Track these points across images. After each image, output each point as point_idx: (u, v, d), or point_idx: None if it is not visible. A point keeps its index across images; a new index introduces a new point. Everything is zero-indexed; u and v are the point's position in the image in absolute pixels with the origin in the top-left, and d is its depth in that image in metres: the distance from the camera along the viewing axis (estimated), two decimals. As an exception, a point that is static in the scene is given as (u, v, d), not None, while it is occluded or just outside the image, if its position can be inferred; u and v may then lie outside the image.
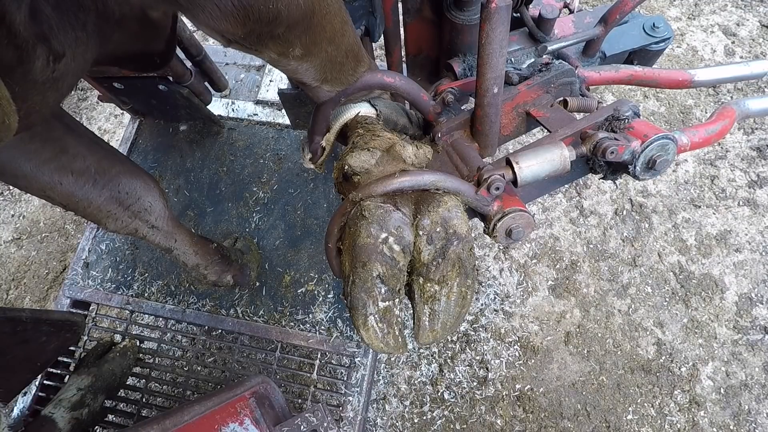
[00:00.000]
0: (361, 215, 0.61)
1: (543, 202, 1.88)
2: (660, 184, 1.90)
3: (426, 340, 0.60)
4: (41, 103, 0.48)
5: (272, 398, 1.01)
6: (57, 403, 1.23)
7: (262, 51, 0.58)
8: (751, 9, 2.23)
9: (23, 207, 2.09)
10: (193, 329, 1.55)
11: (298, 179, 1.69)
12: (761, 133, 1.98)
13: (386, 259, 0.58)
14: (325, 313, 1.51)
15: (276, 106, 1.80)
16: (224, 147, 1.77)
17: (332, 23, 0.61)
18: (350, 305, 0.59)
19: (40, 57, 0.41)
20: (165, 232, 1.16)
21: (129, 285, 1.59)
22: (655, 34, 0.96)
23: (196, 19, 0.48)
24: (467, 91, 0.83)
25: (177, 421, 0.90)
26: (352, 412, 1.39)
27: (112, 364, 1.39)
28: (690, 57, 2.13)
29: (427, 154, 0.75)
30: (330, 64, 0.66)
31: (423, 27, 1.01)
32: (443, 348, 1.68)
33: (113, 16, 0.51)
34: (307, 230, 1.62)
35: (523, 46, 0.88)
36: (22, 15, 0.37)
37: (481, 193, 0.63)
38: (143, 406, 1.45)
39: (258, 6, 0.48)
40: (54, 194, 0.89)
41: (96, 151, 0.94)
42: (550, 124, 0.73)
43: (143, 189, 1.05)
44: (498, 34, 0.59)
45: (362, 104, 0.80)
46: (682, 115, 2.02)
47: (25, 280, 1.95)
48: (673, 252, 1.78)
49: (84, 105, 2.27)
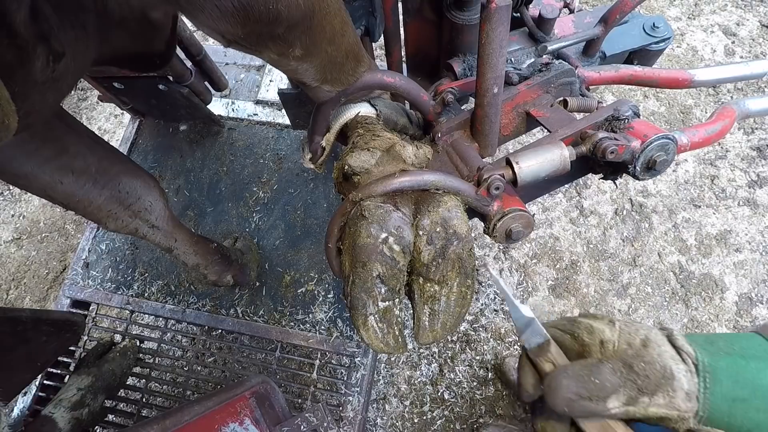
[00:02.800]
0: (361, 215, 0.61)
1: (543, 202, 1.88)
2: (660, 184, 1.90)
3: (426, 340, 0.60)
4: (41, 103, 0.48)
5: (272, 398, 1.01)
6: (57, 403, 1.23)
7: (261, 51, 0.58)
8: (751, 9, 2.23)
9: (23, 207, 2.09)
10: (193, 329, 1.55)
11: (298, 179, 1.69)
12: (761, 133, 1.98)
13: (386, 259, 0.58)
14: (325, 313, 1.51)
15: (276, 106, 1.80)
16: (224, 147, 1.77)
17: (332, 23, 0.61)
18: (350, 305, 0.59)
19: (40, 57, 0.41)
20: (165, 232, 1.16)
21: (129, 285, 1.59)
22: (655, 34, 0.96)
23: (196, 20, 0.48)
24: (467, 91, 0.83)
25: (177, 421, 0.90)
26: (352, 412, 1.39)
27: (112, 364, 1.39)
28: (690, 57, 2.13)
29: (427, 154, 0.75)
30: (330, 65, 0.66)
31: (423, 27, 1.01)
32: (443, 348, 1.68)
33: (113, 17, 0.51)
34: (307, 230, 1.62)
35: (523, 46, 0.88)
36: (22, 15, 0.37)
37: (481, 193, 0.63)
38: (143, 406, 1.45)
39: (258, 6, 0.48)
40: (55, 193, 0.89)
41: (96, 151, 0.94)
42: (550, 124, 0.73)
43: (143, 188, 1.05)
44: (498, 34, 0.59)
45: (362, 104, 0.80)
46: (682, 115, 2.02)
47: (25, 280, 1.95)
48: (673, 252, 1.78)
49: (84, 105, 2.27)
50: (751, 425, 0.43)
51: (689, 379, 0.44)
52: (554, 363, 0.48)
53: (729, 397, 0.43)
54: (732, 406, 0.43)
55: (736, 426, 0.43)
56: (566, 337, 0.50)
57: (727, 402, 0.43)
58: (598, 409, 0.43)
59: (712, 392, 0.44)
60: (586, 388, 0.43)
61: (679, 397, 0.43)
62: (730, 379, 0.44)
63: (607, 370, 0.44)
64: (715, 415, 0.43)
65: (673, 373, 0.43)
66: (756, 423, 0.43)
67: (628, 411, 0.43)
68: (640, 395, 0.43)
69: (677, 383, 0.43)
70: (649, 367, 0.43)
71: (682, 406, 0.43)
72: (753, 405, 0.43)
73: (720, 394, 0.44)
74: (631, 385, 0.43)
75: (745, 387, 0.44)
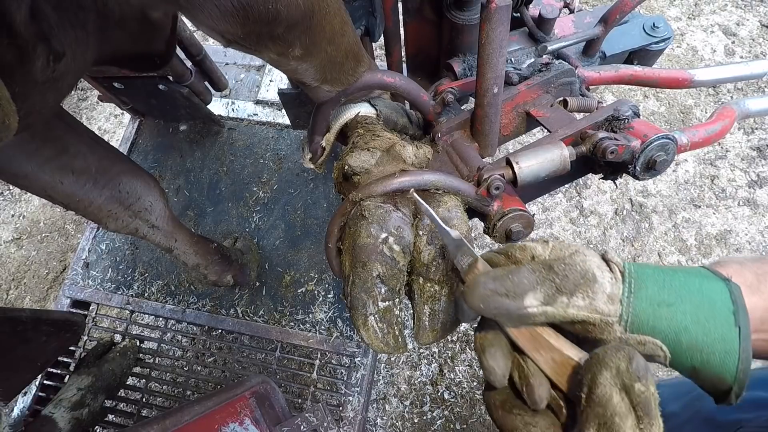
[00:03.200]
0: (361, 215, 0.61)
1: (543, 202, 1.88)
2: (660, 184, 1.90)
3: (426, 340, 0.60)
4: (41, 103, 0.48)
5: (272, 398, 1.01)
6: (57, 403, 1.23)
7: (261, 51, 0.58)
8: (751, 9, 2.23)
9: (23, 207, 2.10)
10: (193, 329, 1.55)
11: (298, 179, 1.69)
12: (761, 133, 1.98)
13: (386, 259, 0.58)
14: (325, 313, 1.51)
15: (276, 106, 1.80)
16: (224, 147, 1.77)
17: (332, 23, 0.61)
18: (350, 305, 0.59)
19: (40, 57, 0.41)
20: (165, 232, 1.17)
21: (129, 285, 1.59)
22: (655, 34, 0.96)
23: (196, 20, 0.48)
24: (467, 91, 0.83)
25: (177, 421, 0.91)
26: (352, 412, 1.39)
27: (112, 364, 1.39)
28: (690, 57, 2.13)
29: (427, 154, 0.75)
30: (330, 65, 0.66)
31: (423, 27, 1.01)
32: (443, 348, 1.68)
33: (113, 16, 0.51)
34: (307, 230, 1.62)
35: (523, 46, 0.88)
36: (23, 15, 0.37)
37: (481, 193, 0.63)
38: (143, 406, 1.45)
39: (257, 6, 0.48)
40: (55, 193, 0.89)
41: (97, 151, 0.94)
42: (550, 124, 0.73)
43: (144, 188, 1.05)
44: (498, 34, 0.59)
45: (362, 104, 0.80)
46: (682, 115, 2.02)
47: (25, 280, 1.95)
48: (673, 252, 1.78)
49: (84, 105, 2.27)
50: (678, 329, 0.41)
51: (612, 284, 0.43)
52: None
53: (654, 300, 0.42)
54: (657, 310, 0.42)
55: (661, 331, 0.42)
56: (500, 257, 0.49)
57: (653, 306, 0.42)
58: (514, 306, 0.42)
59: (636, 296, 0.42)
60: (503, 285, 0.43)
61: (600, 300, 0.42)
62: (657, 284, 0.43)
63: (526, 270, 0.43)
64: (640, 319, 0.42)
65: (595, 276, 0.42)
66: (683, 327, 0.41)
67: (546, 312, 0.42)
68: (558, 294, 0.42)
69: (598, 286, 0.42)
70: (569, 268, 0.43)
71: (604, 308, 0.42)
72: (680, 309, 0.42)
73: (645, 297, 0.42)
74: (549, 284, 0.42)
75: (672, 292, 0.42)
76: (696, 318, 0.41)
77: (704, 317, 0.41)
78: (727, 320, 0.41)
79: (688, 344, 0.41)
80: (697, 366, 0.41)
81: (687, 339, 0.41)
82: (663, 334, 0.42)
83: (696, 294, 0.42)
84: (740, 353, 0.40)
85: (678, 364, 0.42)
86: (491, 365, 0.44)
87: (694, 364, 0.41)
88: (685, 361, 0.42)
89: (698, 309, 0.41)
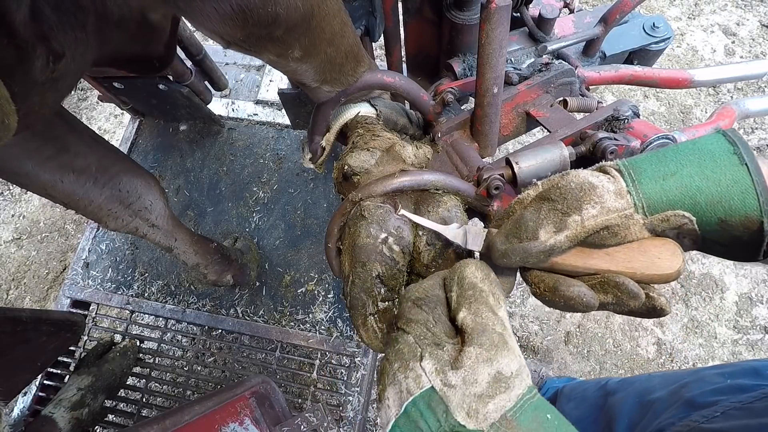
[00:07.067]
0: (360, 215, 0.61)
1: (543, 202, 1.88)
2: (660, 184, 1.90)
3: (426, 340, 0.60)
4: (41, 103, 0.48)
5: (272, 398, 1.01)
6: (57, 403, 1.23)
7: (261, 53, 0.58)
8: (751, 9, 2.23)
9: (23, 207, 2.10)
10: (193, 329, 1.55)
11: (298, 179, 1.69)
12: (761, 133, 1.98)
13: (386, 260, 0.59)
14: (325, 313, 1.51)
15: (276, 106, 1.80)
16: (224, 147, 1.77)
17: (331, 25, 0.61)
18: (350, 305, 0.59)
19: (40, 57, 0.41)
20: (165, 231, 1.17)
21: (129, 285, 1.59)
22: (655, 33, 0.96)
23: (195, 22, 0.48)
24: (467, 91, 0.83)
25: (177, 421, 0.91)
26: (352, 412, 1.39)
27: (112, 364, 1.39)
28: (690, 57, 2.13)
29: (427, 154, 0.75)
30: (329, 65, 0.66)
31: (423, 27, 1.01)
32: (443, 348, 1.68)
33: (112, 18, 0.51)
34: (307, 230, 1.62)
35: (523, 46, 0.88)
36: (22, 15, 0.37)
37: (480, 193, 0.63)
38: (143, 406, 1.45)
39: (257, 9, 0.48)
40: (55, 192, 0.89)
41: (97, 150, 0.94)
42: (550, 124, 0.73)
43: (144, 188, 1.05)
44: (498, 34, 0.59)
45: (362, 104, 0.80)
46: (682, 114, 2.02)
47: (25, 280, 1.95)
48: (673, 252, 1.78)
49: (84, 105, 2.27)
50: (691, 191, 0.41)
51: (613, 182, 0.43)
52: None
53: (659, 176, 0.42)
54: (664, 183, 0.42)
55: (677, 200, 0.42)
56: (503, 219, 0.51)
57: (659, 182, 0.42)
58: (533, 247, 0.43)
59: (640, 181, 0.43)
60: (514, 234, 0.44)
61: (609, 200, 0.42)
62: (654, 163, 0.43)
63: (527, 213, 0.45)
64: (653, 199, 0.42)
65: (592, 183, 0.43)
66: (695, 187, 0.41)
67: (568, 236, 0.42)
68: (566, 216, 0.42)
69: (600, 189, 0.43)
70: (564, 189, 0.43)
71: (616, 205, 0.42)
72: (685, 173, 0.42)
73: (648, 178, 0.42)
74: (553, 213, 0.43)
75: (671, 162, 0.43)
76: (702, 174, 0.41)
77: (710, 170, 0.41)
78: (731, 162, 0.40)
79: (706, 202, 0.41)
80: (722, 218, 0.41)
81: (703, 197, 0.41)
82: (680, 202, 0.42)
83: (693, 154, 0.42)
84: (756, 186, 0.39)
85: (707, 225, 0.42)
86: (577, 291, 0.43)
87: (719, 217, 0.41)
88: (711, 219, 0.41)
89: (701, 166, 0.41)
